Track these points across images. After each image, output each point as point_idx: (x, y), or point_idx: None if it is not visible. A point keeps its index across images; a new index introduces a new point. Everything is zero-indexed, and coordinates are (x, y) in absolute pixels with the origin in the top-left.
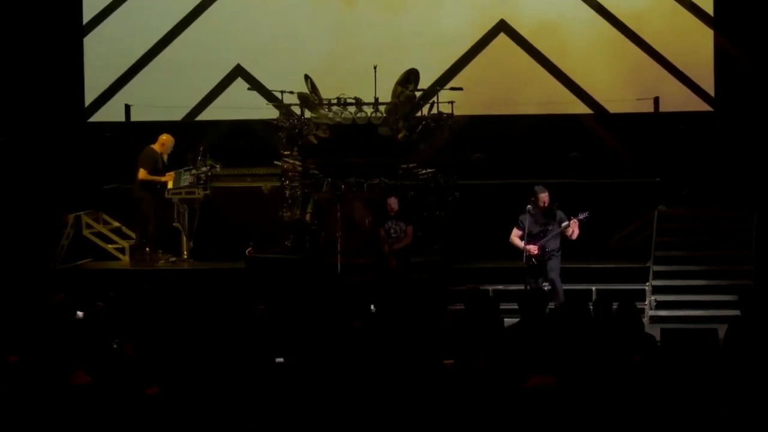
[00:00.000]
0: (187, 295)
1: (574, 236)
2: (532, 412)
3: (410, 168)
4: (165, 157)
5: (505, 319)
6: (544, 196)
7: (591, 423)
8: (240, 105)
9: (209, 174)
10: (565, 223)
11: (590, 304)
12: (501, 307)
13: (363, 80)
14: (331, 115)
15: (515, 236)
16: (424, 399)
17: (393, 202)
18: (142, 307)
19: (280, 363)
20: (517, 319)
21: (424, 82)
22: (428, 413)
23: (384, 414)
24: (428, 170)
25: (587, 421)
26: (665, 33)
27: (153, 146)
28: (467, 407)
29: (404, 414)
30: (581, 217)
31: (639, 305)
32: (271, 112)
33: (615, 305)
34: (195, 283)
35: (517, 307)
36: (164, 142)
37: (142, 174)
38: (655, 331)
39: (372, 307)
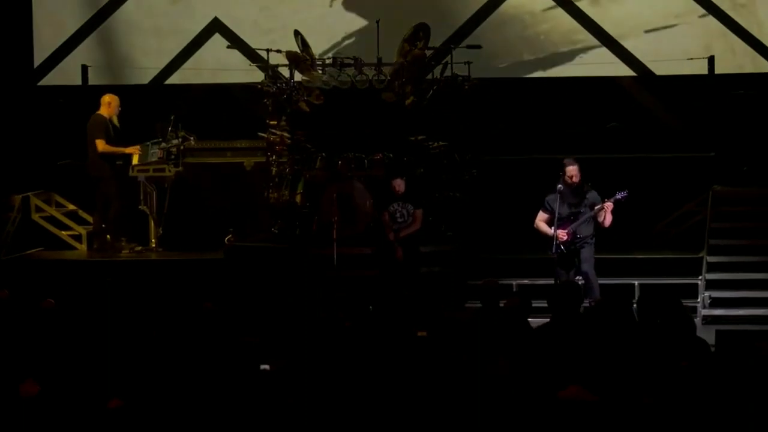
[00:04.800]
0: (155, 290)
1: (607, 223)
2: (565, 428)
3: (419, 141)
4: (115, 119)
5: (532, 319)
6: (572, 170)
7: None
8: (218, 66)
9: (181, 148)
10: (597, 206)
11: (633, 301)
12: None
13: (363, 37)
14: (325, 77)
15: (540, 220)
16: (431, 412)
17: (399, 184)
18: (103, 304)
19: (264, 370)
20: (547, 319)
21: (436, 39)
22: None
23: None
24: (440, 143)
25: None
26: None
27: (99, 112)
28: (484, 421)
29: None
30: (619, 196)
31: (690, 303)
32: (254, 75)
33: (661, 303)
34: (165, 276)
35: (546, 304)
36: (110, 102)
37: (101, 145)
38: (709, 333)
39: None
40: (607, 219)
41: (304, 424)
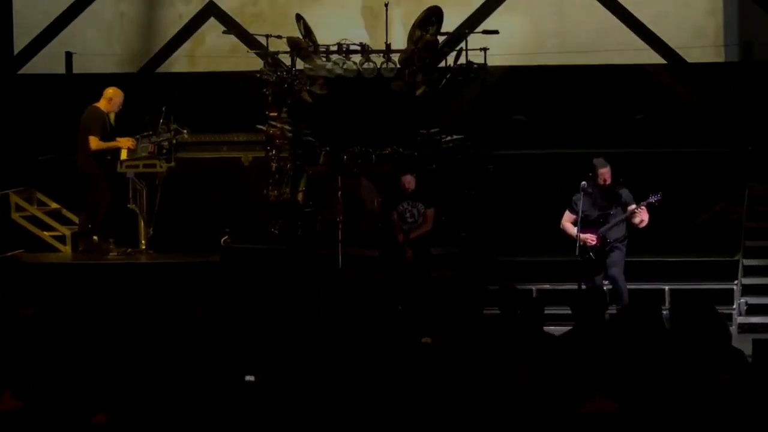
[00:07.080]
0: (145, 295)
1: (643, 224)
2: None
3: (431, 134)
4: (112, 117)
5: (554, 327)
6: (604, 172)
7: None
8: (213, 53)
9: (174, 142)
10: (631, 207)
11: (663, 307)
12: (547, 311)
13: (371, 21)
14: (330, 65)
15: (568, 221)
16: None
17: (409, 181)
18: (89, 310)
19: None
20: (570, 327)
21: (450, 24)
22: None
23: None
24: (454, 137)
25: None
26: None
27: (97, 105)
28: None
29: None
30: (652, 199)
31: (725, 310)
32: (253, 62)
33: (694, 309)
34: (156, 280)
35: (569, 311)
36: (112, 97)
37: (95, 143)
38: (745, 343)
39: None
40: (643, 221)
41: (302, 426)
